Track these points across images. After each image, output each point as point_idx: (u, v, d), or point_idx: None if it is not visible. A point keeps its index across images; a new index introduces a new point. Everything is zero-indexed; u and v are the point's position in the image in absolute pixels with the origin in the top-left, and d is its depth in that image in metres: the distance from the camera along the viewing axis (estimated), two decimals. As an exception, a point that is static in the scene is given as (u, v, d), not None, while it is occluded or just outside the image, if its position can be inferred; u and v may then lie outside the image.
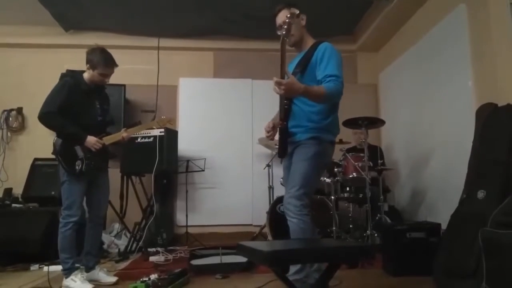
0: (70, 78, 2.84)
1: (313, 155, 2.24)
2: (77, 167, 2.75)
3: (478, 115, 2.93)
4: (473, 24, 3.37)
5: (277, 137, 2.38)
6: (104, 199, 3.03)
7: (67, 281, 2.71)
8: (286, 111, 2.31)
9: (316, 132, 2.28)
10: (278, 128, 2.33)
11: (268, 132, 2.39)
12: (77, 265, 2.79)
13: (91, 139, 2.77)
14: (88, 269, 2.92)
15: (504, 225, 2.07)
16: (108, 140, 2.88)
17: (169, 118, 3.19)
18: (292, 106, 2.34)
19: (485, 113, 2.82)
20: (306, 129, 2.28)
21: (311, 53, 2.31)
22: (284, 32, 2.04)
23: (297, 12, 2.21)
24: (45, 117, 2.72)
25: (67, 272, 2.73)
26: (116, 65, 2.89)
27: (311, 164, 2.24)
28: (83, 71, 2.89)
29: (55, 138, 2.80)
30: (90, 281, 2.83)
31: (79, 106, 2.79)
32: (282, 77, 2.07)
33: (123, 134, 2.92)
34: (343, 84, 2.19)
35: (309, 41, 2.41)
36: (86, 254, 2.92)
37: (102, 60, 2.80)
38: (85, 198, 2.92)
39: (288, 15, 2.05)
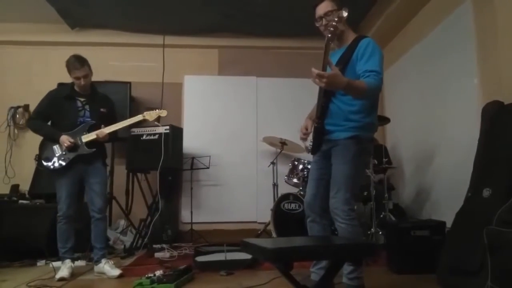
0: (55, 89, 3.33)
1: (353, 156, 2.20)
2: (50, 165, 3.01)
3: (483, 113, 2.91)
4: (478, 22, 3.34)
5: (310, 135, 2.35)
6: (95, 194, 3.12)
7: None
8: (323, 109, 2.26)
9: (356, 131, 2.22)
10: (313, 127, 2.29)
11: (304, 134, 2.34)
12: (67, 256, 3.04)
13: (62, 137, 2.99)
14: (95, 262, 3.10)
15: (509, 223, 2.06)
16: (86, 138, 3.04)
17: (160, 111, 3.28)
18: (330, 104, 2.28)
19: (491, 111, 2.80)
20: (344, 128, 2.23)
21: (352, 49, 2.24)
22: (329, 35, 1.98)
23: (345, 14, 2.13)
24: (27, 123, 3.37)
25: (61, 259, 3.05)
26: (81, 66, 3.03)
27: (352, 165, 2.21)
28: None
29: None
30: (98, 273, 3.05)
31: (59, 110, 3.11)
32: (324, 70, 1.99)
33: (97, 132, 3.05)
34: (382, 80, 2.14)
35: (350, 36, 2.34)
36: (93, 248, 3.13)
37: (68, 65, 3.05)
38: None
39: (336, 19, 2.00)
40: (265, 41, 5.50)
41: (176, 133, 4.46)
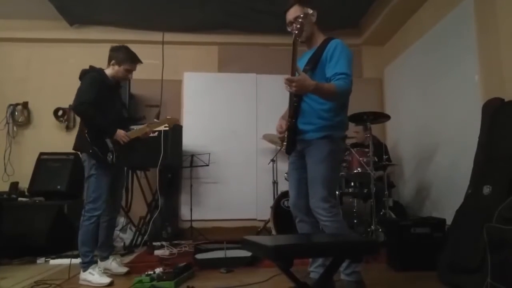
0: (97, 74, 2.89)
1: (327, 155, 2.23)
2: (108, 158, 2.82)
3: (484, 110, 2.91)
4: (479, 18, 3.33)
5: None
6: (120, 192, 3.14)
7: (84, 274, 2.73)
8: (295, 108, 2.29)
9: (328, 130, 2.26)
10: (287, 125, 2.32)
11: (280, 133, 2.38)
12: (95, 258, 2.86)
13: (120, 132, 2.86)
14: (102, 258, 3.00)
15: (510, 221, 2.06)
16: (132, 134, 2.96)
17: (175, 119, 3.35)
18: (302, 103, 2.31)
19: (491, 108, 2.80)
20: (317, 127, 2.26)
21: (322, 50, 2.29)
22: (296, 32, 2.03)
23: (310, 11, 2.23)
24: (81, 107, 2.75)
25: (86, 265, 2.74)
26: (140, 62, 3.01)
27: (328, 164, 2.23)
28: (102, 68, 2.96)
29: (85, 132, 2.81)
30: (104, 269, 2.91)
31: (106, 101, 2.85)
32: (293, 75, 2.06)
33: (147, 129, 3.01)
34: (352, 82, 2.18)
35: (320, 38, 2.39)
36: (102, 245, 2.99)
37: (129, 56, 2.92)
38: None
39: (302, 15, 2.05)
40: (265, 38, 5.47)
41: (176, 130, 4.45)
